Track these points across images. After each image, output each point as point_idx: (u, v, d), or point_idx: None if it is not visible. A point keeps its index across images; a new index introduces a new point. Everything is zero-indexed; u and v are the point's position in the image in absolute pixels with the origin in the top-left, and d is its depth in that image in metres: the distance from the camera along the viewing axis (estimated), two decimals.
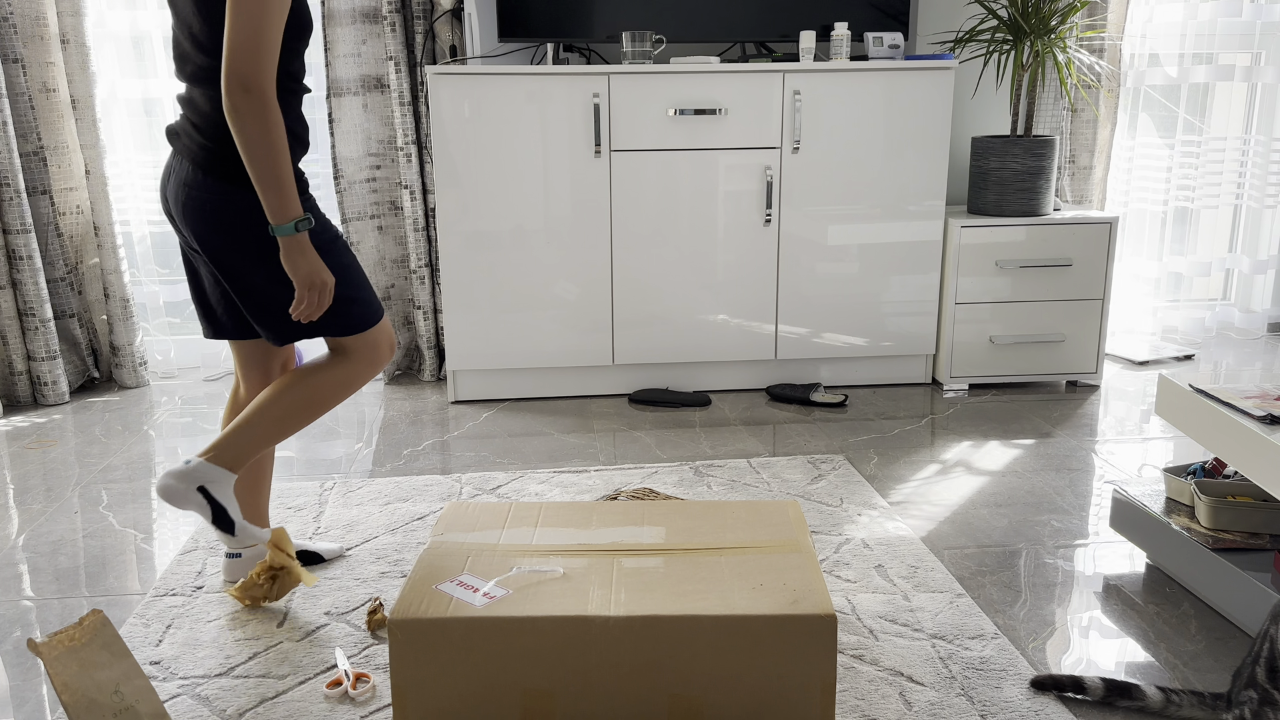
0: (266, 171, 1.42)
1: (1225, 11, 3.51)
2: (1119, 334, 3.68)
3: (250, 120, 1.40)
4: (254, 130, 1.40)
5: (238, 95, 1.39)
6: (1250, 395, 1.76)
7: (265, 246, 1.56)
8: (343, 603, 1.83)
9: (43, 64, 2.99)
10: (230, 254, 1.57)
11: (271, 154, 1.41)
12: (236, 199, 1.54)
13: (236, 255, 1.57)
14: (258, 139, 1.40)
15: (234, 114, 1.40)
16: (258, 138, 1.40)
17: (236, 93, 1.39)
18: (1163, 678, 1.60)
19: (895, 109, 2.93)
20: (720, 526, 1.63)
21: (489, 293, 2.95)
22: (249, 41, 1.39)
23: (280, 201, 1.42)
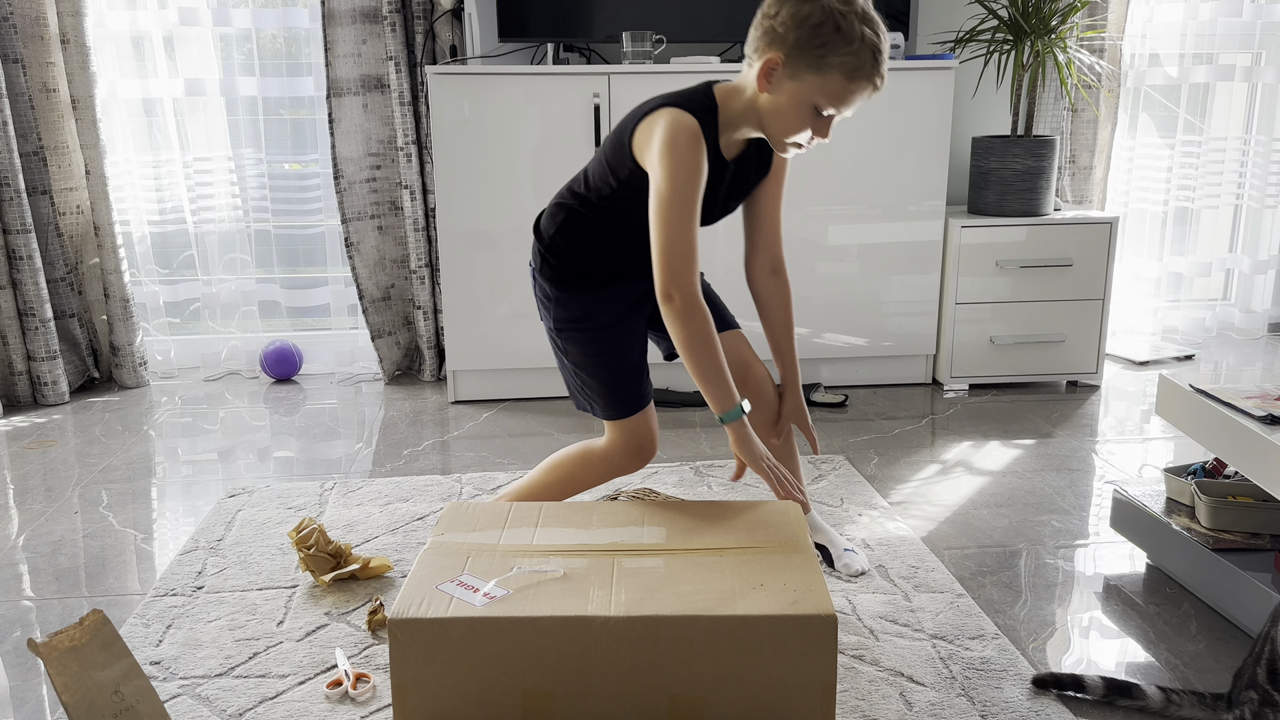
0: (699, 367, 1.53)
1: (1225, 11, 3.51)
2: (1119, 334, 3.68)
3: (683, 323, 1.52)
4: (687, 332, 1.52)
5: (668, 305, 1.52)
6: (1250, 395, 1.75)
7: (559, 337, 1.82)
8: (343, 603, 1.83)
9: (43, 64, 2.99)
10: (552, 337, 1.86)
11: (703, 351, 1.51)
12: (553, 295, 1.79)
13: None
14: (690, 339, 1.52)
15: (669, 317, 1.53)
16: (690, 338, 1.52)
17: (670, 300, 1.51)
18: (1163, 678, 1.59)
19: (895, 109, 2.93)
20: (720, 527, 1.63)
21: (489, 293, 2.95)
22: (675, 252, 1.51)
23: (718, 394, 1.53)
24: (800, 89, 1.52)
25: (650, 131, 1.57)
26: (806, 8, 1.48)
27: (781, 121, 1.56)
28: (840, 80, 1.50)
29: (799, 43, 1.49)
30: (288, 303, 3.41)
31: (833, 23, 1.47)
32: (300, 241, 3.38)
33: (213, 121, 3.23)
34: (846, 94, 1.52)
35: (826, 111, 1.54)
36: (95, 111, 3.04)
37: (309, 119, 3.28)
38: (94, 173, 3.09)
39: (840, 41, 1.47)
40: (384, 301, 3.26)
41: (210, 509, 2.27)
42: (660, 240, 1.52)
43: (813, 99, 1.52)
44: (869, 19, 1.50)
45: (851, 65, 1.49)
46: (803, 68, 1.50)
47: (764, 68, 1.53)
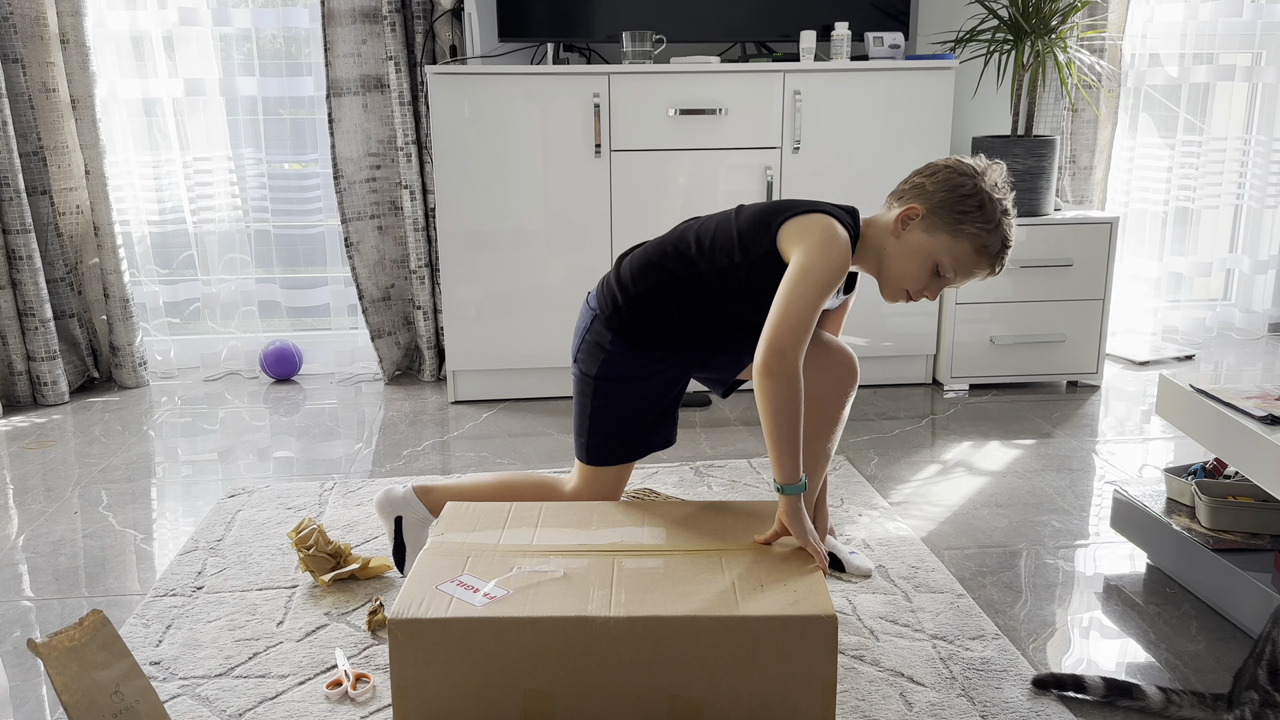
0: (783, 434, 1.51)
1: (1226, 11, 3.51)
2: (1119, 334, 3.68)
3: (780, 385, 1.50)
4: (782, 396, 1.50)
5: (774, 361, 1.50)
6: (1251, 395, 1.75)
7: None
8: (343, 603, 1.82)
9: (43, 64, 2.99)
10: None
11: (792, 418, 1.51)
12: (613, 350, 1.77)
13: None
14: (783, 404, 1.50)
15: (766, 375, 1.50)
16: (783, 403, 1.50)
17: (774, 359, 1.49)
18: (1163, 678, 1.59)
19: (896, 109, 2.93)
20: (720, 526, 1.63)
21: (489, 293, 2.95)
22: (797, 319, 1.51)
23: (790, 464, 1.52)
24: (930, 244, 1.60)
25: (809, 227, 1.61)
26: (962, 179, 1.59)
27: (901, 268, 1.63)
28: (969, 250, 1.59)
29: (943, 203, 1.59)
30: (288, 303, 3.41)
31: (979, 199, 1.58)
32: (300, 241, 3.38)
33: (213, 121, 3.23)
34: (969, 265, 1.60)
35: (946, 274, 1.61)
36: (95, 111, 3.04)
37: (309, 119, 3.28)
38: (94, 173, 3.09)
39: (981, 217, 1.57)
40: (384, 301, 3.26)
41: (210, 509, 2.27)
42: (783, 307, 1.51)
43: (937, 257, 1.60)
44: (1008, 213, 1.61)
45: (983, 240, 1.58)
46: (939, 226, 1.59)
47: (904, 213, 1.61)
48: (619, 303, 1.73)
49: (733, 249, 1.66)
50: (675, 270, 1.70)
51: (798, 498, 1.53)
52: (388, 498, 1.89)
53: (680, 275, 1.70)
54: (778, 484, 1.53)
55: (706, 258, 1.68)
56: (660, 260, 1.72)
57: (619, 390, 1.76)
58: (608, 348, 1.74)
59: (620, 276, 1.76)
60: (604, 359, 1.75)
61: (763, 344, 1.51)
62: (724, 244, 1.68)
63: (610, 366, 1.75)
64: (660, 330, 1.72)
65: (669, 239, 1.74)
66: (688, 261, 1.70)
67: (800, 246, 1.58)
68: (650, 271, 1.72)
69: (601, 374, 1.76)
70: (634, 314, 1.72)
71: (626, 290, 1.73)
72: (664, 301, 1.71)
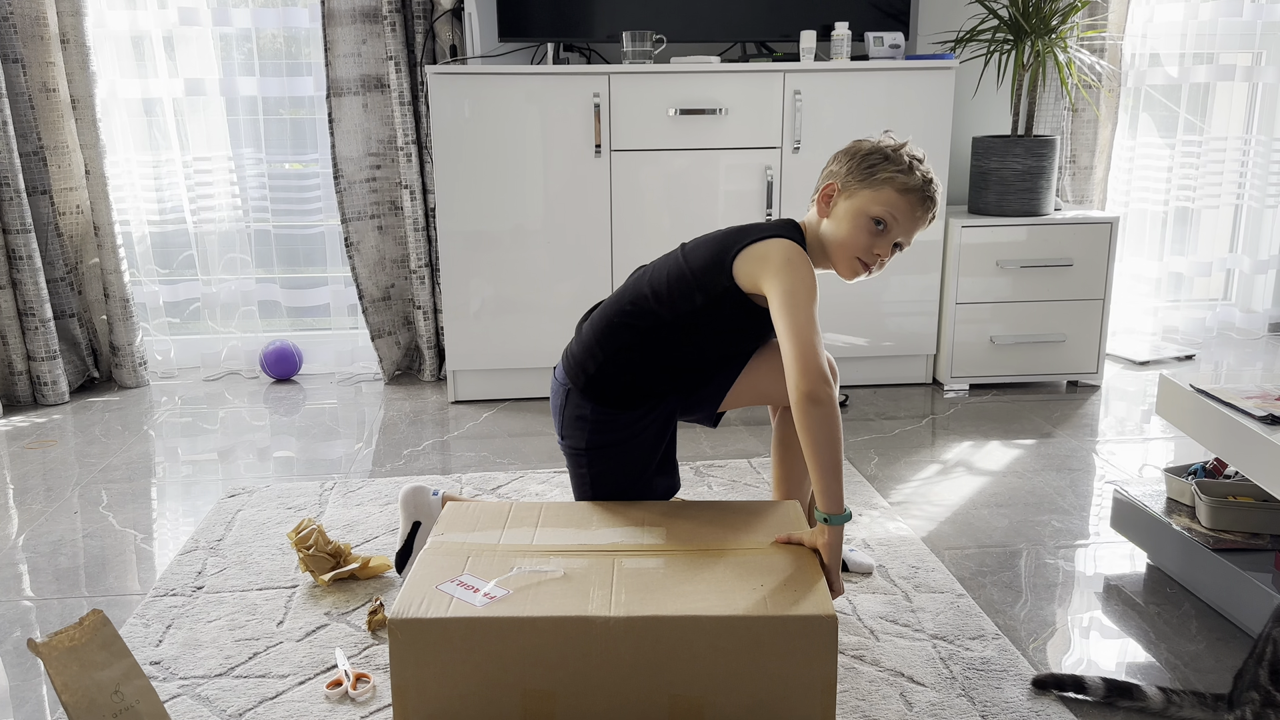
0: (832, 461, 1.52)
1: (1226, 11, 3.51)
2: (1120, 334, 3.68)
3: (825, 412, 1.50)
4: (828, 421, 1.50)
5: (814, 389, 1.50)
6: (1251, 395, 1.75)
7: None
8: (343, 603, 1.82)
9: (43, 64, 2.99)
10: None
11: (837, 443, 1.51)
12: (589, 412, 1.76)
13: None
14: (827, 442, 1.50)
15: (811, 405, 1.50)
16: (830, 429, 1.50)
17: (813, 387, 1.49)
18: (1164, 678, 1.59)
19: (896, 109, 2.93)
20: (720, 527, 1.63)
21: (489, 293, 2.95)
22: (809, 343, 1.52)
23: (837, 491, 1.52)
24: (856, 204, 1.63)
25: (766, 254, 1.62)
26: (860, 144, 1.66)
27: (843, 240, 1.65)
28: (893, 194, 1.62)
29: (851, 169, 1.64)
30: (288, 303, 3.41)
31: (882, 152, 1.64)
32: (300, 241, 3.38)
33: (213, 121, 3.23)
34: (903, 208, 1.63)
35: (886, 224, 1.63)
36: (95, 111, 3.04)
37: (309, 119, 3.28)
38: (94, 173, 3.09)
39: (890, 164, 1.62)
40: (384, 301, 3.26)
41: (210, 509, 2.27)
42: (798, 346, 1.51)
43: (869, 210, 1.62)
44: (918, 158, 1.65)
45: (902, 180, 1.62)
46: (857, 188, 1.63)
47: (823, 193, 1.67)
48: (590, 371, 1.72)
49: (692, 293, 1.66)
50: (640, 326, 1.69)
51: (841, 528, 1.52)
52: (414, 499, 1.90)
53: (646, 330, 1.69)
54: (824, 515, 1.51)
55: (668, 306, 1.68)
56: (622, 320, 1.71)
57: (612, 454, 1.76)
58: (590, 417, 1.74)
59: (585, 344, 1.74)
60: (590, 429, 1.74)
61: (795, 377, 1.50)
62: (682, 290, 1.67)
63: (598, 434, 1.75)
64: (639, 387, 1.73)
65: (624, 296, 1.73)
66: (649, 315, 1.69)
67: (768, 276, 1.59)
68: (616, 333, 1.71)
69: (591, 444, 1.76)
70: (608, 379, 1.72)
71: (595, 357, 1.72)
72: (636, 359, 1.71)
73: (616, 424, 1.74)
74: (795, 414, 1.50)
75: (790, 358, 1.51)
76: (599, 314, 1.76)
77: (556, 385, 1.80)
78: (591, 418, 1.74)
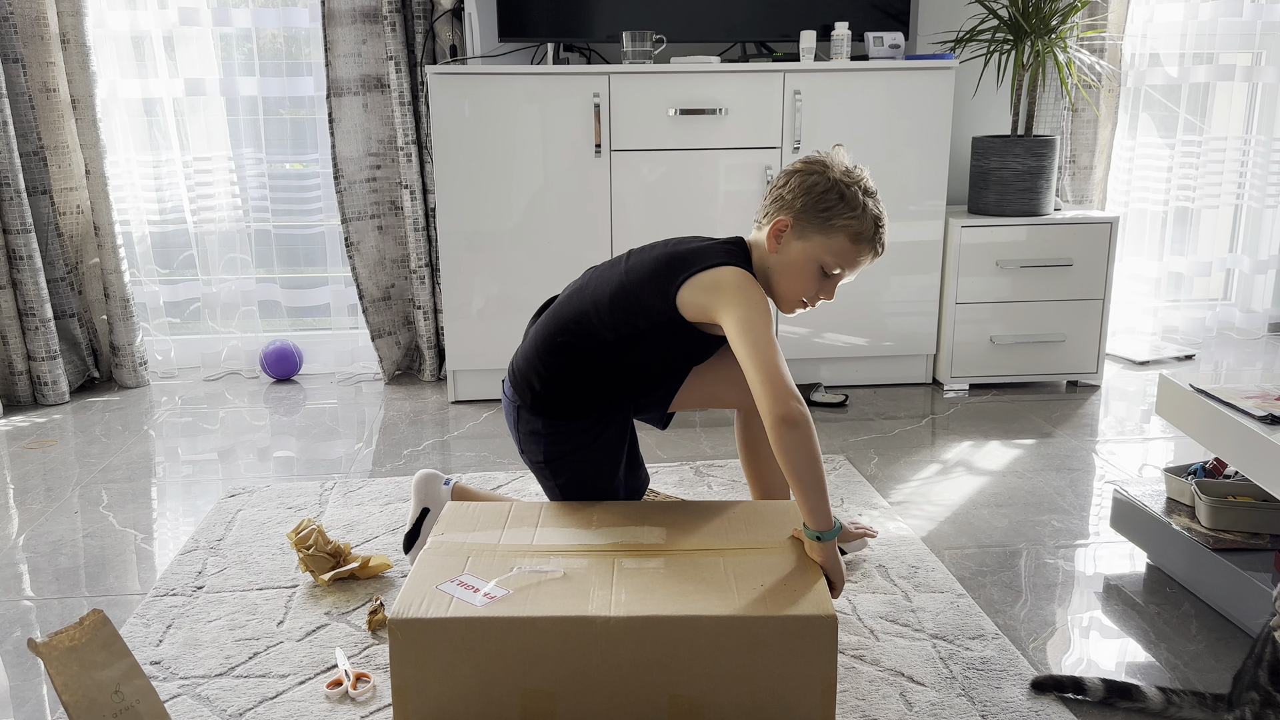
0: (813, 480, 1.50)
1: (1226, 11, 3.51)
2: (1119, 334, 3.68)
3: (801, 433, 1.47)
4: (804, 456, 1.48)
5: (787, 431, 1.47)
6: (1251, 395, 1.75)
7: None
8: (343, 603, 1.82)
9: (43, 64, 2.99)
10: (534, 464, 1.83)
11: (817, 461, 1.49)
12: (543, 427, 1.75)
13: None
14: (807, 462, 1.48)
15: (786, 428, 1.47)
16: (808, 461, 1.48)
17: (786, 431, 1.47)
18: (1163, 678, 1.59)
19: (896, 109, 2.93)
20: (720, 527, 1.63)
21: (489, 293, 2.95)
22: (774, 367, 1.49)
23: (824, 509, 1.50)
24: (808, 249, 1.62)
25: (716, 284, 1.59)
26: (813, 178, 1.61)
27: (789, 281, 1.64)
28: (845, 242, 1.61)
29: (805, 207, 1.60)
30: (288, 303, 3.41)
31: (837, 191, 1.59)
32: (300, 241, 3.38)
33: (213, 121, 3.23)
34: (851, 255, 1.62)
35: (833, 271, 1.63)
36: (95, 111, 3.04)
37: (309, 119, 3.28)
38: (94, 173, 3.09)
39: (845, 207, 1.59)
40: (384, 301, 3.26)
41: (210, 509, 2.27)
42: (762, 370, 1.49)
43: (820, 258, 1.62)
44: (870, 192, 1.62)
45: (855, 229, 1.60)
46: (810, 229, 1.61)
47: (774, 229, 1.63)
48: (536, 389, 1.72)
49: (635, 315, 1.64)
50: (581, 347, 1.68)
51: (833, 542, 1.52)
52: (426, 485, 1.92)
53: (588, 350, 1.68)
54: (814, 532, 1.50)
55: (610, 328, 1.66)
56: (566, 339, 1.69)
57: (575, 461, 1.76)
58: (544, 431, 1.74)
59: (529, 360, 1.73)
60: (546, 441, 1.75)
61: (765, 402, 1.48)
62: (625, 310, 1.65)
63: (555, 445, 1.75)
64: (585, 400, 1.73)
65: (566, 312, 1.71)
66: (591, 334, 1.67)
67: (720, 305, 1.57)
68: (558, 352, 1.70)
69: (549, 455, 1.76)
70: (554, 395, 1.72)
71: (540, 374, 1.71)
72: (580, 376, 1.70)
73: (570, 432, 1.74)
74: (772, 438, 1.48)
75: (757, 382, 1.49)
76: (541, 327, 1.74)
77: (506, 401, 1.80)
78: (545, 431, 1.74)
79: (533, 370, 1.72)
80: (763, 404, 1.48)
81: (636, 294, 1.65)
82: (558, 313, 1.73)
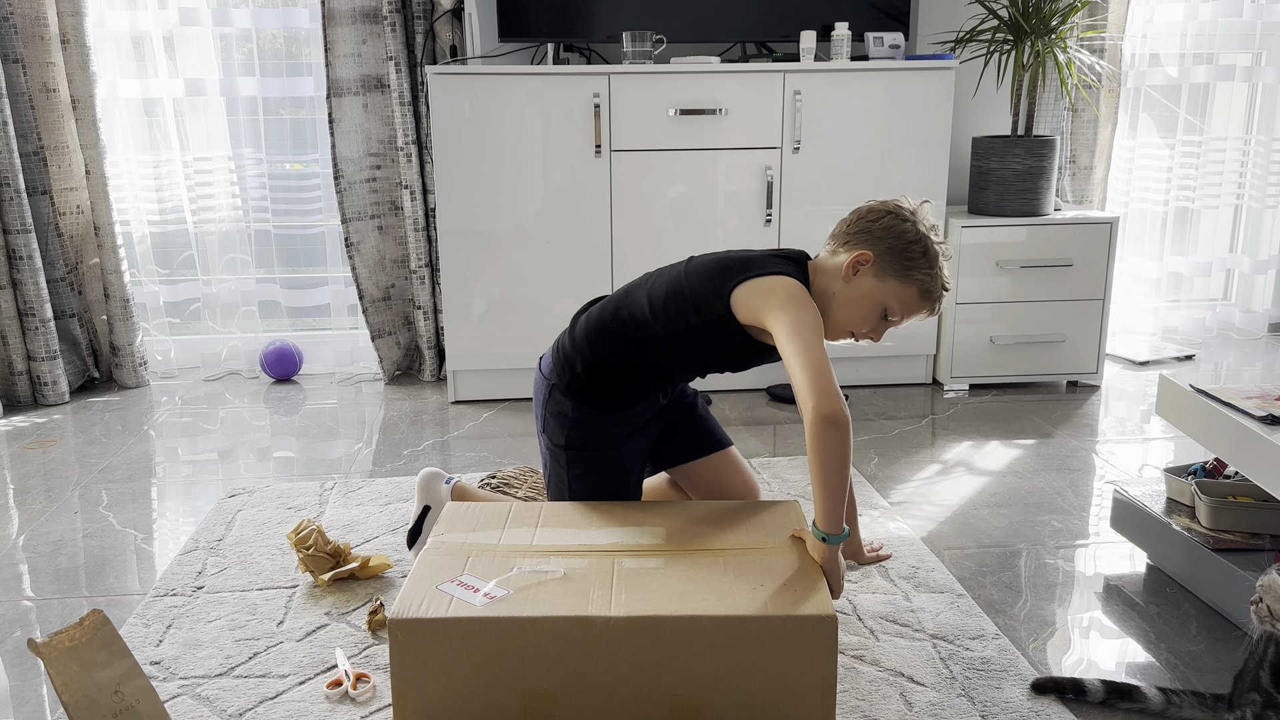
0: (840, 482, 1.51)
1: (1226, 11, 3.51)
2: (1119, 334, 3.68)
3: (841, 434, 1.48)
4: (838, 459, 1.49)
5: (828, 431, 1.47)
6: (1251, 395, 1.75)
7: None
8: (343, 603, 1.82)
9: (43, 64, 2.99)
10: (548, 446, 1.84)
11: (845, 475, 1.50)
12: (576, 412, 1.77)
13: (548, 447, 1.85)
14: (839, 466, 1.49)
15: (829, 428, 1.48)
16: (839, 465, 1.49)
17: (826, 430, 1.47)
18: (1163, 678, 1.59)
19: (896, 109, 2.93)
20: (720, 527, 1.63)
21: (489, 293, 2.95)
22: (822, 367, 1.50)
23: (840, 512, 1.51)
24: (880, 289, 1.64)
25: (770, 290, 1.61)
26: (906, 225, 1.64)
27: (850, 311, 1.65)
28: (915, 294, 1.64)
29: (892, 250, 1.63)
30: (288, 303, 3.41)
31: (923, 245, 1.63)
32: (300, 241, 3.38)
33: (213, 121, 3.23)
34: (914, 308, 1.65)
35: (892, 316, 1.66)
36: (95, 111, 3.04)
37: (309, 119, 3.28)
38: (94, 173, 3.09)
39: (926, 263, 1.63)
40: (384, 301, 3.26)
41: (210, 509, 2.27)
42: (810, 369, 1.50)
43: (886, 301, 1.64)
44: (947, 257, 1.67)
45: (927, 285, 1.64)
46: (889, 272, 1.63)
47: (855, 259, 1.64)
48: (577, 369, 1.73)
49: (687, 312, 1.66)
50: (630, 335, 1.70)
51: (839, 546, 1.53)
52: (428, 484, 1.95)
53: (636, 340, 1.70)
54: (823, 533, 1.51)
55: (661, 321, 1.68)
56: (616, 326, 1.72)
57: (591, 459, 1.77)
58: (570, 415, 1.75)
59: (575, 343, 1.75)
60: (570, 426, 1.76)
61: (810, 399, 1.48)
62: (678, 307, 1.67)
63: (576, 432, 1.76)
64: (622, 387, 1.74)
65: (622, 302, 1.74)
66: (643, 325, 1.70)
67: (771, 310, 1.59)
68: (606, 337, 1.72)
69: (570, 442, 1.77)
70: (593, 380, 1.73)
71: (584, 357, 1.73)
72: (622, 365, 1.72)
73: (595, 424, 1.75)
74: (811, 434, 1.48)
75: (804, 381, 1.50)
76: (594, 314, 1.77)
77: (540, 379, 1.82)
78: (572, 416, 1.75)
79: (578, 352, 1.74)
80: (806, 401, 1.49)
81: (692, 291, 1.68)
82: (613, 303, 1.76)
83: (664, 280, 1.73)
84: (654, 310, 1.69)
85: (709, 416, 1.92)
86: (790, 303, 1.58)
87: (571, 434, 1.76)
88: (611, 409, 1.75)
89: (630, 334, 1.71)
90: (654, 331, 1.69)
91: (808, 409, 1.48)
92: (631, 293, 1.75)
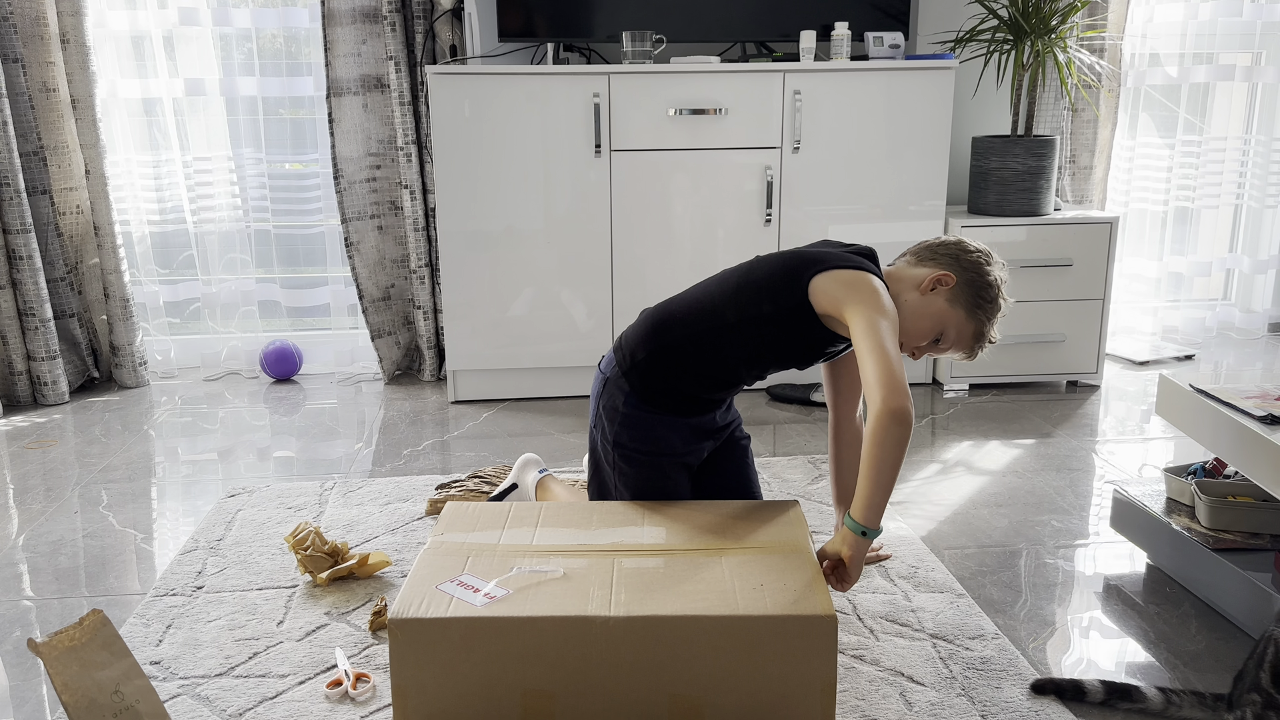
0: (888, 482, 1.52)
1: (1225, 11, 3.51)
2: (1119, 334, 3.68)
3: (895, 447, 1.50)
4: (894, 455, 1.51)
5: (893, 425, 1.49)
6: (1250, 395, 1.75)
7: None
8: (343, 603, 1.82)
9: (43, 64, 2.99)
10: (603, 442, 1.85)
11: (896, 472, 1.52)
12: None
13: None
14: (893, 462, 1.51)
15: (896, 423, 1.50)
16: (894, 462, 1.51)
17: (891, 424, 1.49)
18: (1163, 678, 1.59)
19: (896, 109, 2.93)
20: (720, 526, 1.63)
21: (489, 293, 2.95)
22: (896, 364, 1.52)
23: (883, 509, 1.53)
24: (948, 313, 1.70)
25: (852, 282, 1.64)
26: (990, 269, 1.73)
27: (915, 324, 1.69)
28: (972, 332, 1.71)
29: (972, 283, 1.70)
30: (288, 303, 3.41)
31: (994, 292, 1.72)
32: (300, 241, 3.38)
33: (213, 121, 3.23)
34: (963, 342, 1.72)
35: (943, 344, 1.72)
36: (95, 111, 3.04)
37: (309, 119, 3.28)
38: (94, 173, 3.09)
39: (993, 309, 1.72)
40: (384, 301, 3.26)
41: (210, 509, 2.27)
42: (883, 366, 1.51)
43: (947, 327, 1.70)
44: (1003, 315, 1.75)
45: (984, 329, 1.72)
46: (962, 301, 1.70)
47: (939, 277, 1.69)
48: (639, 357, 1.74)
49: (761, 299, 1.68)
50: (696, 325, 1.72)
51: (869, 542, 1.54)
52: (523, 467, 2.15)
53: (702, 329, 1.71)
54: (861, 526, 1.51)
55: (734, 307, 1.69)
56: (683, 315, 1.73)
57: (646, 461, 1.77)
58: (623, 410, 1.75)
59: (640, 331, 1.76)
60: (621, 421, 1.76)
61: (880, 392, 1.49)
62: (751, 295, 1.69)
63: (626, 429, 1.76)
64: (678, 387, 1.74)
65: (688, 296, 1.77)
66: (709, 314, 1.71)
67: (853, 302, 1.60)
68: (672, 326, 1.73)
69: (618, 439, 1.77)
70: (654, 369, 1.73)
71: (649, 345, 1.74)
72: (683, 356, 1.72)
73: (648, 424, 1.75)
74: (874, 426, 1.49)
75: (875, 375, 1.51)
76: (660, 306, 1.79)
77: (598, 376, 1.83)
78: (624, 410, 1.75)
79: (642, 339, 1.75)
80: (875, 395, 1.50)
81: (767, 278, 1.70)
82: (679, 298, 1.78)
83: (731, 276, 1.75)
84: (725, 300, 1.71)
85: (752, 466, 1.92)
86: (873, 297, 1.60)
87: (621, 431, 1.76)
88: (665, 407, 1.75)
89: (696, 324, 1.72)
90: (724, 319, 1.70)
91: (876, 401, 1.50)
92: (696, 289, 1.77)
